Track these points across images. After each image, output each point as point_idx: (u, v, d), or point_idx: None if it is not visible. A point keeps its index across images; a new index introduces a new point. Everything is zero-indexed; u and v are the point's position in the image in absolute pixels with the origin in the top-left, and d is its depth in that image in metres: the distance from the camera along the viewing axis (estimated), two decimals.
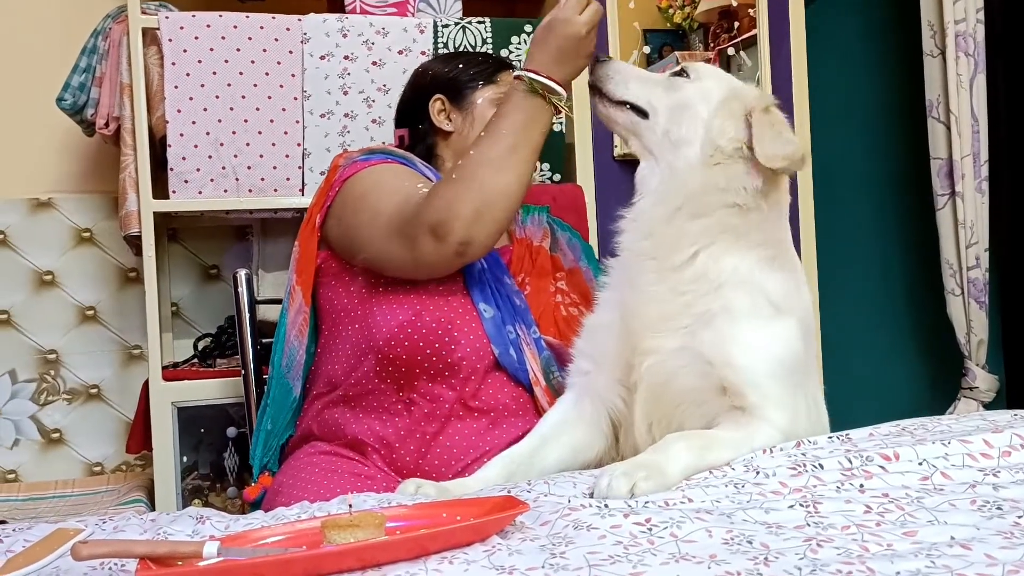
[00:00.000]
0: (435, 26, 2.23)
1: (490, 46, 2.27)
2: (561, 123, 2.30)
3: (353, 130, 2.19)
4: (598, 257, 1.79)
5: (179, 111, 2.09)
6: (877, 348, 2.95)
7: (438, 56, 1.96)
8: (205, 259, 2.59)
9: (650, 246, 1.29)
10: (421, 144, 1.70)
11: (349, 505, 1.07)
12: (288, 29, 2.15)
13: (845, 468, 1.04)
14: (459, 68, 1.69)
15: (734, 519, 0.93)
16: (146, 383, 2.20)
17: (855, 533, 0.87)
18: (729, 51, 2.51)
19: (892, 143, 2.91)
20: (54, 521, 1.15)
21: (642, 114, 1.35)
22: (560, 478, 1.15)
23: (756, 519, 0.93)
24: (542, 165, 2.31)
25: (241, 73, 2.12)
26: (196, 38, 2.09)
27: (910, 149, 2.74)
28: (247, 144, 2.13)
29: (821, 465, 1.05)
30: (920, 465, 1.02)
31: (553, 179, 2.33)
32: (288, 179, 2.17)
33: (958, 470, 1.01)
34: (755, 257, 1.27)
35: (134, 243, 2.24)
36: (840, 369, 2.43)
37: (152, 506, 2.13)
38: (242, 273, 1.87)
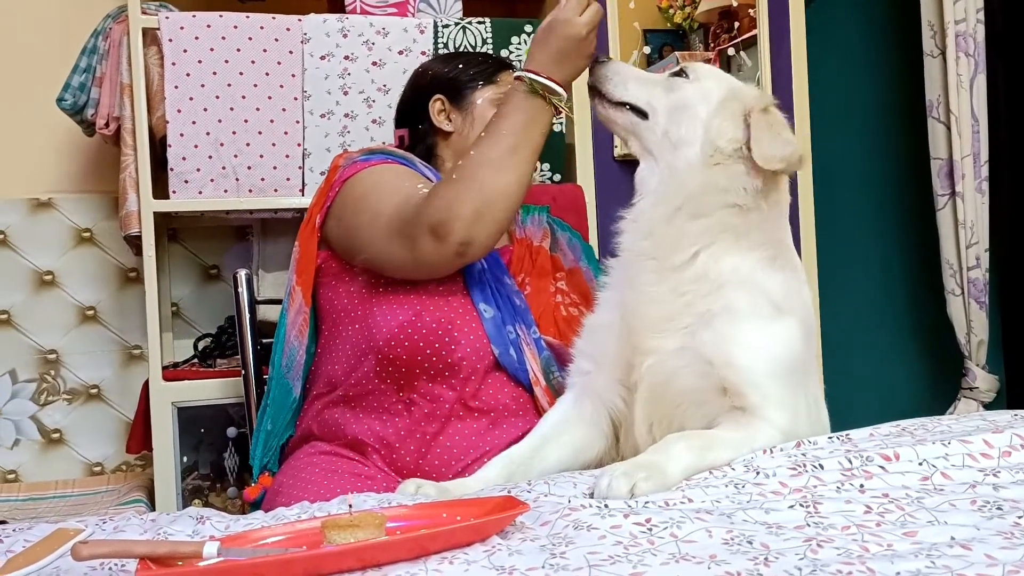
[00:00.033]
0: (435, 26, 2.23)
1: (490, 46, 2.27)
2: (561, 123, 2.30)
3: (353, 130, 2.19)
4: (598, 257, 1.78)
5: (179, 111, 2.09)
6: (877, 348, 2.95)
7: (438, 56, 1.96)
8: (205, 259, 2.59)
9: (650, 246, 1.29)
10: (421, 144, 1.70)
11: (349, 505, 1.07)
12: (288, 29, 2.15)
13: (845, 468, 1.04)
14: (459, 68, 1.69)
15: (734, 519, 0.93)
16: (146, 383, 2.20)
17: (855, 533, 0.87)
18: (729, 51, 2.51)
19: (892, 143, 2.91)
20: (54, 521, 1.15)
21: (641, 115, 1.35)
22: (560, 478, 1.15)
23: (756, 519, 0.93)
24: (542, 165, 2.31)
25: (241, 73, 2.12)
26: (196, 38, 2.09)
27: (910, 149, 2.74)
28: (247, 144, 2.13)
29: (821, 465, 1.05)
30: (920, 465, 1.02)
31: (553, 179, 2.33)
32: (288, 179, 2.17)
33: (958, 470, 1.01)
34: (756, 257, 1.27)
35: (134, 243, 2.24)
36: (840, 369, 2.43)
37: (152, 506, 2.13)
38: (242, 273, 1.87)
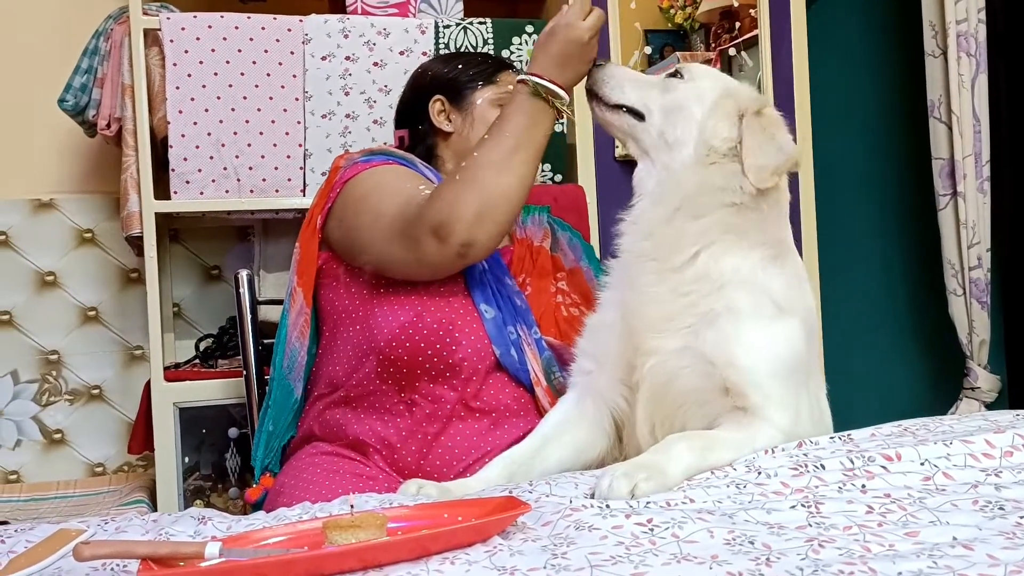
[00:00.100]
0: (436, 27, 2.23)
1: (491, 47, 2.27)
2: (563, 124, 2.30)
3: (354, 131, 2.19)
4: (599, 257, 1.78)
5: (180, 112, 2.09)
6: (878, 348, 2.95)
7: (438, 56, 1.96)
8: (207, 260, 2.59)
9: (650, 247, 1.29)
10: (421, 145, 1.70)
11: (351, 506, 1.07)
12: (289, 30, 2.15)
13: (847, 468, 1.04)
14: (459, 69, 1.69)
15: (736, 519, 0.93)
16: (148, 384, 2.20)
17: (857, 533, 0.87)
18: (730, 51, 2.51)
19: (893, 143, 2.91)
20: (56, 522, 1.15)
21: (638, 116, 1.35)
22: (562, 478, 1.15)
23: (758, 519, 0.93)
24: (544, 166, 2.31)
25: (242, 74, 2.12)
26: (197, 39, 2.09)
27: (912, 149, 2.74)
28: (248, 145, 2.13)
29: (823, 465, 1.05)
30: (922, 465, 1.02)
31: (554, 180, 2.33)
32: (289, 180, 2.17)
33: (960, 470, 1.01)
34: (757, 257, 1.27)
35: (136, 244, 2.24)
36: (841, 369, 2.43)
37: (154, 507, 2.13)
38: (243, 274, 1.87)
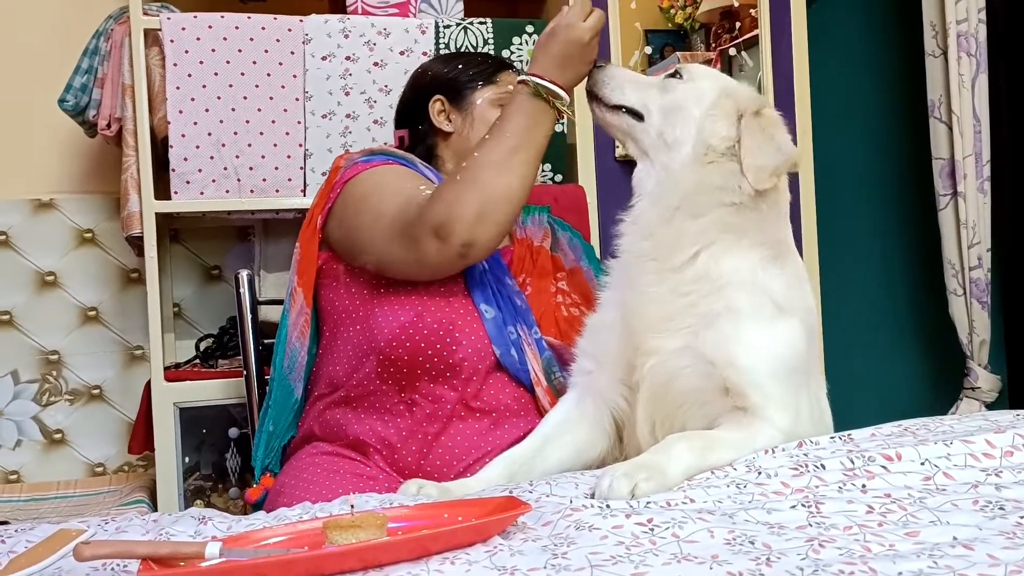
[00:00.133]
0: (436, 27, 2.23)
1: (492, 47, 2.26)
2: (563, 124, 2.30)
3: (355, 131, 2.19)
4: (599, 257, 1.78)
5: (181, 112, 2.09)
6: (879, 348, 2.95)
7: (438, 57, 1.96)
8: (207, 260, 2.59)
9: (650, 247, 1.29)
10: (421, 145, 1.70)
11: (351, 506, 1.07)
12: (290, 30, 2.15)
13: (847, 468, 1.04)
14: (459, 68, 1.69)
15: (736, 519, 0.93)
16: (148, 384, 2.20)
17: (857, 533, 0.87)
18: (731, 51, 2.51)
19: (894, 143, 2.91)
20: (56, 522, 1.15)
21: (637, 117, 1.36)
22: (562, 478, 1.15)
23: (758, 519, 0.93)
24: (544, 166, 2.31)
25: (243, 74, 2.12)
26: (198, 39, 2.09)
27: (912, 149, 2.74)
28: (249, 145, 2.13)
29: (823, 465, 1.05)
30: (922, 465, 1.02)
31: (555, 180, 2.33)
32: (290, 180, 2.17)
33: (960, 470, 1.01)
34: (757, 257, 1.27)
35: (136, 244, 2.24)
36: (842, 369, 2.43)
37: (154, 507, 2.13)
38: (244, 274, 1.87)
